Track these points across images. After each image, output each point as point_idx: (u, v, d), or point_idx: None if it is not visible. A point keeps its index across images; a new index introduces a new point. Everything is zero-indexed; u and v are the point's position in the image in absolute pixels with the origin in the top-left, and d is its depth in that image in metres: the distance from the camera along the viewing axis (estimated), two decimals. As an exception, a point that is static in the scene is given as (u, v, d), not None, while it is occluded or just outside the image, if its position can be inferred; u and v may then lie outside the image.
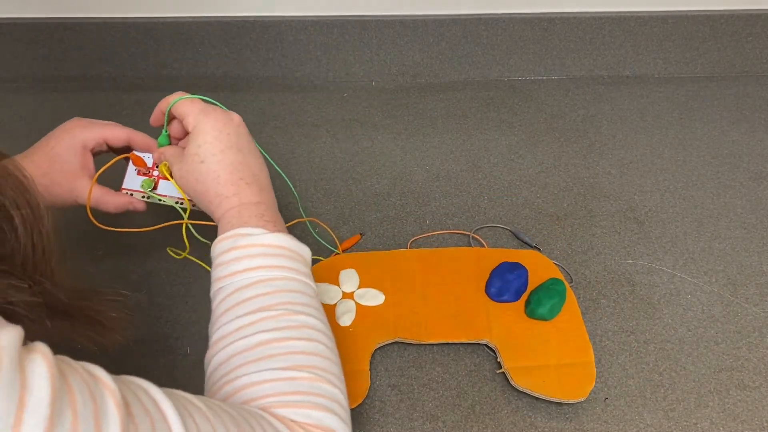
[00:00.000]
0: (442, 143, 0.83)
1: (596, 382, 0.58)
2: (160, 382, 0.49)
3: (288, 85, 0.92)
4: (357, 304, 0.63)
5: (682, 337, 0.62)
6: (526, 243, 0.70)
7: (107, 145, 0.58)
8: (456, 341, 0.60)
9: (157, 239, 0.69)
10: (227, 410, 0.37)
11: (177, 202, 0.58)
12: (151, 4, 0.86)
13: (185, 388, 0.56)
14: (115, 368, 0.33)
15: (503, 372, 0.58)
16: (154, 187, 0.59)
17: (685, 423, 0.56)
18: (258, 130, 0.84)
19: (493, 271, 0.64)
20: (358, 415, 0.56)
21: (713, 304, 0.65)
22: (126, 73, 0.92)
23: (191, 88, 0.94)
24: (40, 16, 0.87)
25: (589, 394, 0.57)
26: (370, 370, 0.58)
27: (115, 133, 0.58)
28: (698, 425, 0.56)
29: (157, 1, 0.86)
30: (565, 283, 0.63)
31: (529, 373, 0.57)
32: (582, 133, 0.85)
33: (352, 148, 0.82)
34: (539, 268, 0.65)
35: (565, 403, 0.57)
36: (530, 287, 0.63)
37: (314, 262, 0.62)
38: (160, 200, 0.59)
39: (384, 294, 0.63)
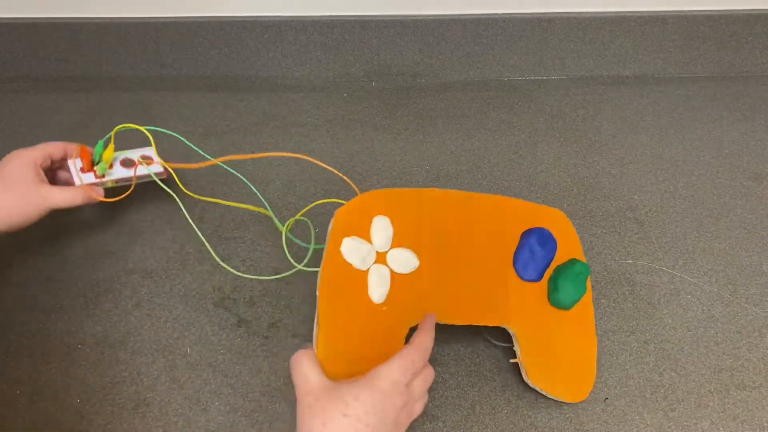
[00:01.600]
0: (442, 143, 0.83)
1: (596, 382, 0.58)
2: (160, 382, 0.50)
3: (288, 85, 0.92)
4: (391, 271, 0.54)
5: (682, 337, 0.62)
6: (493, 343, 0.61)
7: (50, 159, 0.64)
8: (477, 324, 0.56)
9: (158, 239, 0.69)
10: None
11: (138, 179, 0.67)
12: (151, 4, 0.86)
13: (185, 388, 0.56)
14: (115, 367, 0.33)
15: (516, 363, 0.56)
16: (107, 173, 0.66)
17: (685, 423, 0.56)
18: (258, 130, 0.84)
19: (523, 239, 0.58)
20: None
21: (713, 304, 0.65)
22: (126, 73, 0.92)
23: (191, 88, 0.94)
24: (40, 16, 0.87)
25: (589, 394, 0.57)
26: None
27: (55, 146, 0.64)
28: (698, 425, 0.56)
29: (157, 1, 0.86)
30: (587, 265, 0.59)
31: (544, 371, 0.55)
32: (582, 133, 0.85)
33: (352, 148, 0.82)
34: (564, 238, 0.60)
35: (565, 403, 0.57)
36: (555, 261, 0.58)
37: (336, 206, 0.55)
38: (116, 183, 0.67)
39: (417, 256, 0.55)
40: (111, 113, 0.87)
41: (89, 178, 0.65)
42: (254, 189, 0.69)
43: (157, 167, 0.68)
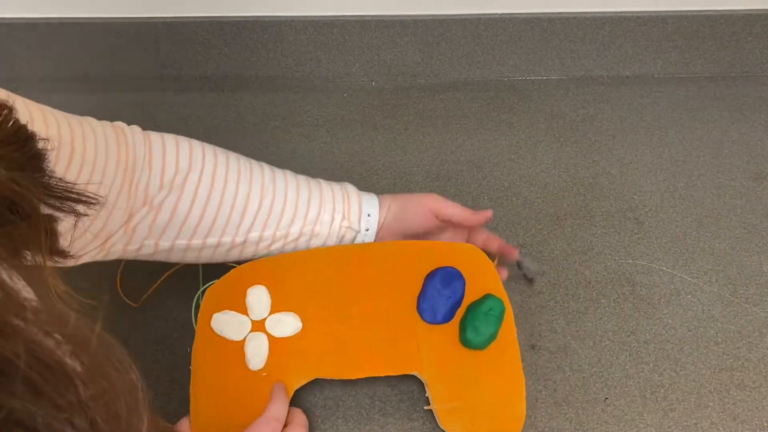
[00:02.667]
0: (442, 143, 0.83)
1: (596, 382, 0.58)
2: (160, 382, 0.50)
3: (288, 85, 0.92)
4: (269, 336, 0.53)
5: (682, 337, 0.62)
6: (527, 277, 0.65)
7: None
8: (383, 375, 0.54)
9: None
10: None
11: None
12: (151, 4, 0.86)
13: (185, 388, 0.56)
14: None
15: (431, 410, 0.54)
16: None
17: (685, 423, 0.56)
18: (258, 130, 0.84)
19: (427, 281, 0.55)
20: (358, 415, 0.56)
21: (713, 304, 0.65)
22: (126, 73, 0.92)
23: (191, 88, 0.94)
24: (41, 16, 0.87)
25: (592, 394, 0.57)
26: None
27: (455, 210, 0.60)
28: (698, 425, 0.56)
29: (157, 1, 0.86)
30: (505, 299, 0.56)
31: (459, 416, 0.53)
32: (582, 133, 0.85)
33: (352, 148, 0.82)
34: (477, 269, 0.56)
35: (565, 403, 0.57)
36: (466, 298, 0.55)
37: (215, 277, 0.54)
38: None
39: (301, 318, 0.53)
40: (111, 113, 0.87)
41: None
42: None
43: None
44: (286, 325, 0.53)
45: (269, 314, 0.53)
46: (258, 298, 0.53)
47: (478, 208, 0.74)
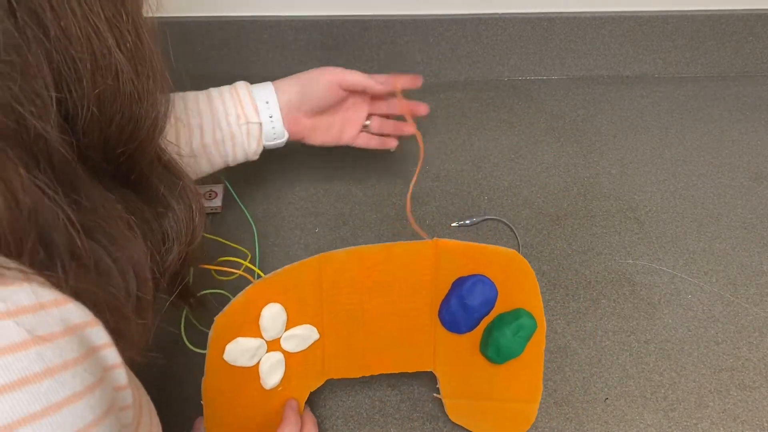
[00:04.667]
0: (442, 143, 0.83)
1: (596, 382, 0.58)
2: (159, 381, 0.49)
3: (288, 85, 0.92)
4: (285, 353, 0.50)
5: (682, 337, 0.62)
6: None
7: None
8: (394, 372, 0.53)
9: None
10: None
11: None
12: (151, 4, 0.86)
13: (186, 388, 0.56)
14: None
15: (440, 399, 0.54)
16: None
17: (685, 423, 0.56)
18: (258, 130, 0.84)
19: (454, 288, 0.49)
20: (358, 416, 0.56)
21: (713, 304, 0.65)
22: (126, 73, 0.92)
23: (191, 88, 0.93)
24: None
25: (592, 394, 0.57)
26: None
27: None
28: (698, 425, 0.56)
29: (157, 1, 0.86)
30: (539, 314, 0.51)
31: (467, 410, 0.53)
32: (582, 133, 0.85)
33: (352, 148, 0.82)
34: (513, 280, 0.50)
35: (565, 403, 0.57)
36: (497, 308, 0.50)
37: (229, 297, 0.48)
38: None
39: (317, 328, 0.50)
40: (111, 113, 0.87)
41: None
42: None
43: (216, 202, 0.72)
44: (303, 339, 0.50)
45: (286, 330, 0.50)
46: (274, 317, 0.49)
47: (478, 209, 0.74)
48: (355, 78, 0.61)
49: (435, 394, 0.55)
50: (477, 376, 0.53)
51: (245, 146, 0.61)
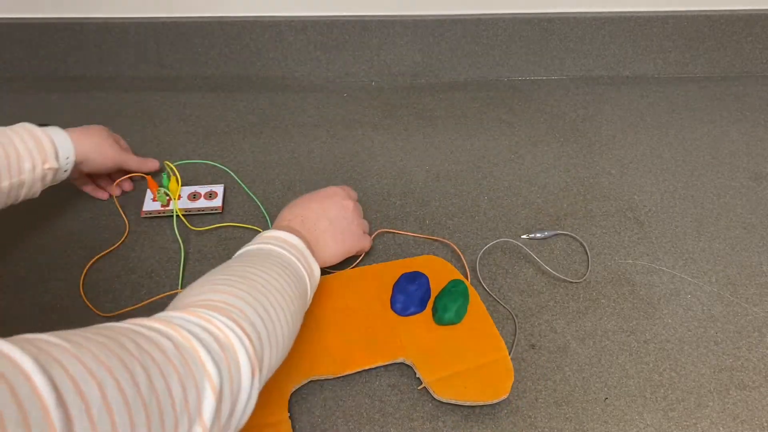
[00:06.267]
0: (442, 143, 0.83)
1: (596, 382, 0.58)
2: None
3: (288, 85, 0.92)
4: None
5: (682, 337, 0.62)
6: None
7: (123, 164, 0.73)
8: (372, 366, 0.58)
9: (158, 239, 0.69)
10: (92, 337, 0.34)
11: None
12: (151, 4, 0.86)
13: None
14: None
15: (425, 387, 0.57)
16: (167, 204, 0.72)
17: (685, 423, 0.56)
18: (258, 130, 0.84)
19: (394, 285, 0.63)
20: (358, 415, 0.56)
21: (713, 304, 0.65)
22: (126, 73, 0.93)
23: (191, 88, 0.93)
24: (40, 16, 0.87)
25: (592, 394, 0.57)
26: (290, 418, 0.54)
27: (133, 160, 0.73)
28: (698, 425, 0.56)
29: (157, 1, 0.86)
30: (466, 281, 0.62)
31: (450, 383, 0.56)
32: (582, 133, 0.85)
33: (352, 148, 0.82)
34: (438, 271, 0.64)
35: (565, 403, 0.57)
36: (433, 293, 0.63)
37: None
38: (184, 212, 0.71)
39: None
40: (111, 113, 0.87)
41: (155, 206, 0.71)
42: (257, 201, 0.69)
43: (217, 202, 0.72)
44: None
45: None
46: None
47: (478, 208, 0.74)
48: (131, 165, 0.72)
49: (419, 387, 0.57)
50: (443, 346, 0.59)
51: (24, 192, 0.64)
